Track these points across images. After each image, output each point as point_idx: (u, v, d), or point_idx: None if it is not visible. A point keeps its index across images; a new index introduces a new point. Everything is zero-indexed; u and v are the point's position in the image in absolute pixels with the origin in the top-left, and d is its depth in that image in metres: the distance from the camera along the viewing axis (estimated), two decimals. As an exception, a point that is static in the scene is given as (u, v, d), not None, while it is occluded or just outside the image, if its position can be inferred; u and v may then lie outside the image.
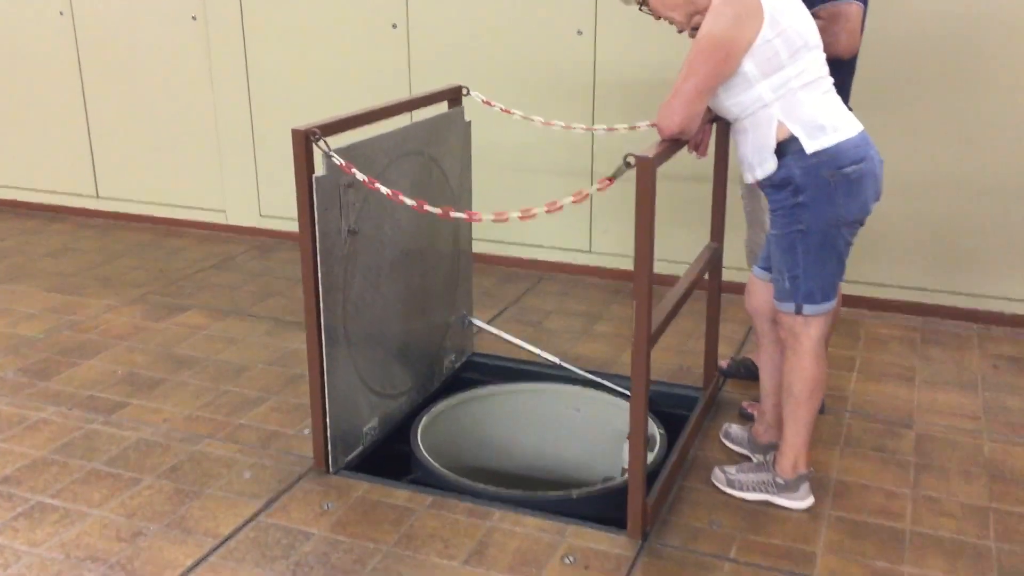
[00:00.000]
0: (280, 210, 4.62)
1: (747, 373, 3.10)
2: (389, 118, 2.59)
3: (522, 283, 4.09)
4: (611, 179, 2.06)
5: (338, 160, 2.25)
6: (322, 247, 2.31)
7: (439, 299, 3.04)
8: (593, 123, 3.95)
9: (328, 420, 2.48)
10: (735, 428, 2.72)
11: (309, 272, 2.32)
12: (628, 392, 2.33)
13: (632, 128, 2.81)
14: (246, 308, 3.80)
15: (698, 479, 2.55)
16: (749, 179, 2.28)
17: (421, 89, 4.10)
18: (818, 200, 2.16)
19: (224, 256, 4.49)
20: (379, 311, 2.65)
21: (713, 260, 2.82)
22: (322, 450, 2.52)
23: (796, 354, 2.28)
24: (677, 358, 3.31)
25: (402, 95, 4.22)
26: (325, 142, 2.25)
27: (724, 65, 2.10)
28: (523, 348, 3.20)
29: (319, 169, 2.29)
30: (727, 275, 3.30)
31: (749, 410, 2.85)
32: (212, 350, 3.38)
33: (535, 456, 3.18)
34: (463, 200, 3.07)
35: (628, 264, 4.24)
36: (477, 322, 3.25)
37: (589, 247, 4.15)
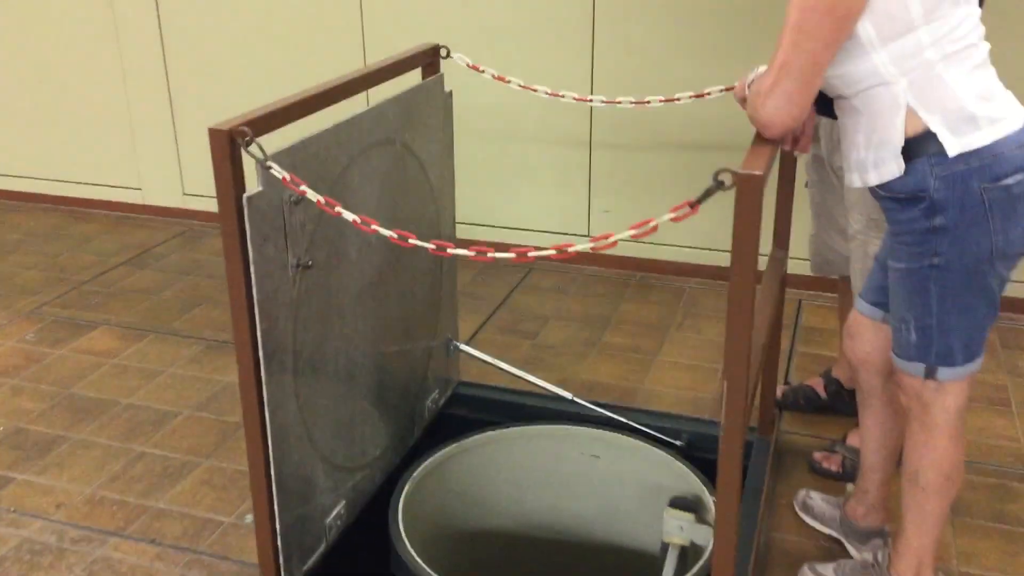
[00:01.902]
0: (207, 187, 3.82)
1: (808, 404, 2.51)
2: (345, 99, 1.89)
3: (509, 276, 3.44)
4: (695, 204, 1.41)
5: (280, 172, 1.56)
6: (261, 294, 1.63)
7: (419, 325, 2.38)
8: (592, 72, 3.27)
9: (277, 519, 1.82)
10: (817, 499, 2.13)
11: (243, 333, 1.64)
12: (657, 433, 1.71)
13: (700, 96, 2.11)
14: (169, 323, 3.09)
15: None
16: (856, 182, 1.64)
17: (379, 54, 3.37)
18: (965, 224, 1.53)
19: (141, 247, 3.75)
20: (343, 362, 1.98)
21: (779, 272, 2.19)
22: (270, 558, 1.87)
23: (925, 430, 1.67)
24: (710, 380, 2.70)
25: (355, 64, 3.52)
26: (259, 146, 1.56)
27: (844, 28, 1.45)
28: (524, 379, 2.57)
29: (252, 184, 1.59)
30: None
31: (824, 465, 2.27)
32: (124, 389, 2.68)
33: (548, 512, 2.58)
34: (445, 195, 2.39)
35: (635, 250, 3.59)
36: (466, 348, 2.60)
37: (587, 230, 3.51)
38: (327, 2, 3.51)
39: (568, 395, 2.54)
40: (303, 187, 1.55)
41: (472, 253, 1.53)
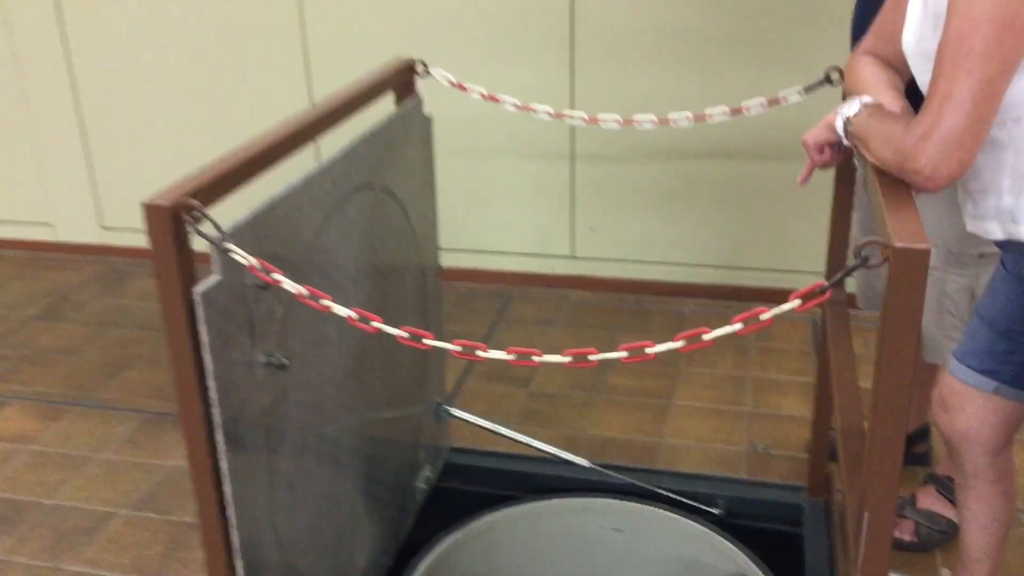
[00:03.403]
0: (129, 218, 3.40)
1: (857, 454, 2.22)
2: (310, 141, 1.51)
3: (488, 306, 3.09)
4: (828, 289, 1.07)
5: (243, 257, 1.18)
6: (225, 412, 1.25)
7: (406, 393, 2.02)
8: (572, 71, 2.93)
9: None
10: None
11: (202, 471, 1.26)
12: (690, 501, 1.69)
13: (701, 118, 1.80)
14: (94, 392, 2.66)
15: None
16: (994, 234, 1.32)
17: (325, 86, 3.00)
18: None
19: (55, 293, 3.29)
20: (325, 466, 1.61)
21: (834, 312, 1.88)
22: None
23: None
24: (736, 427, 2.39)
25: (295, 82, 3.11)
26: (213, 223, 1.17)
27: (1020, 49, 1.13)
28: (529, 446, 2.22)
29: (208, 276, 1.21)
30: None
31: (896, 534, 1.97)
32: (46, 485, 2.26)
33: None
34: (428, 238, 2.02)
35: (624, 271, 3.20)
36: (458, 414, 2.23)
37: (572, 251, 3.17)
38: (262, 8, 3.09)
39: (585, 463, 2.20)
40: (278, 276, 1.17)
41: (478, 353, 1.17)
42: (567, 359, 1.11)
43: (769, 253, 3.01)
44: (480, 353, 1.14)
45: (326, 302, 1.15)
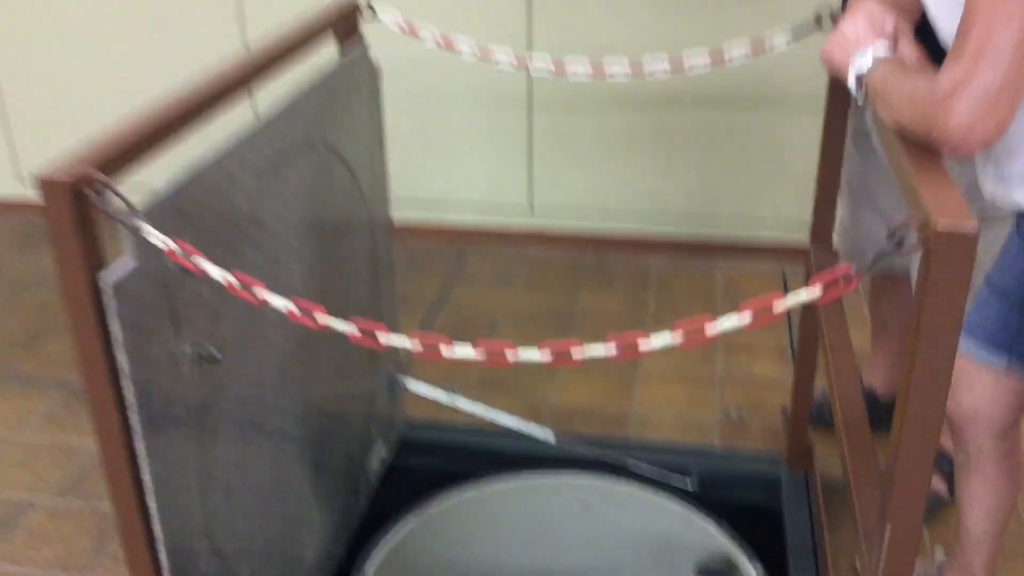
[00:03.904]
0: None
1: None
2: (241, 93, 1.31)
3: (442, 264, 2.92)
4: (854, 277, 0.93)
5: (161, 240, 1.00)
6: (145, 419, 1.08)
7: (357, 368, 1.86)
8: (530, 5, 2.74)
9: None
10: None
11: (123, 487, 1.09)
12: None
13: (679, 69, 1.63)
14: (11, 364, 2.46)
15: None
16: (1021, 200, 1.19)
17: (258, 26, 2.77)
18: None
19: (-33, 255, 3.04)
20: (270, 465, 1.45)
21: (819, 264, 1.76)
22: None
23: None
24: (708, 393, 2.28)
25: (229, 41, 2.86)
26: (123, 199, 0.99)
27: None
28: (496, 420, 2.09)
29: (121, 261, 1.03)
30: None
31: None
32: (-43, 472, 2.06)
33: (541, 571, 2.14)
34: (378, 199, 1.84)
35: (584, 226, 3.01)
36: (415, 387, 2.08)
37: (530, 206, 3.00)
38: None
39: (551, 438, 2.07)
40: (201, 261, 1.00)
41: (437, 350, 1.02)
42: (547, 357, 0.96)
43: (738, 205, 2.88)
44: (444, 352, 0.98)
45: (262, 294, 0.98)
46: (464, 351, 0.98)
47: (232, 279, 0.98)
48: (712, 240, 2.92)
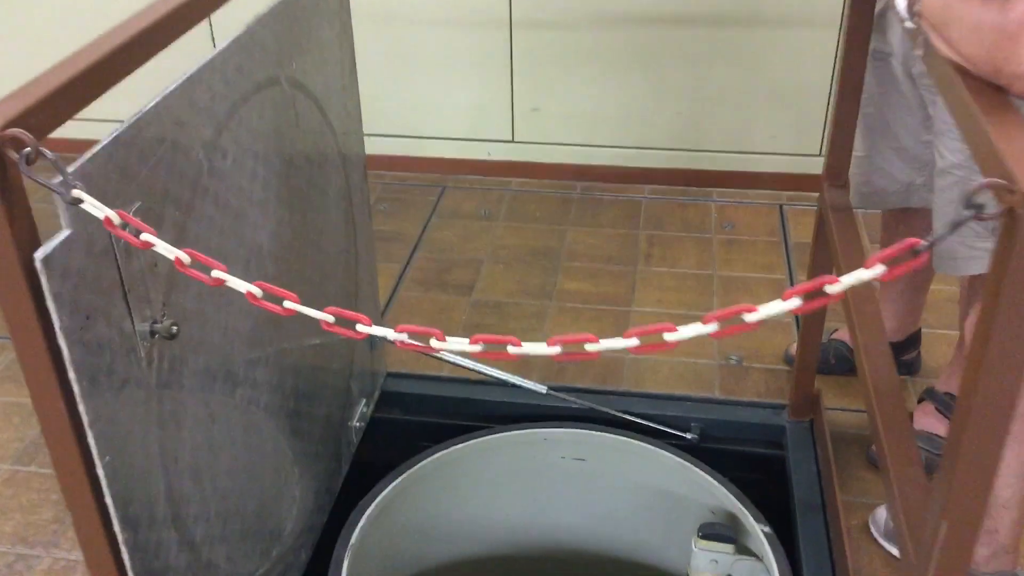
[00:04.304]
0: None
1: (841, 365, 2.03)
2: (190, 28, 1.14)
3: (419, 200, 2.77)
4: (923, 251, 0.80)
5: (98, 208, 0.85)
6: (94, 410, 0.95)
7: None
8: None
9: None
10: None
11: (77, 487, 0.97)
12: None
13: None
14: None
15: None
16: None
17: None
18: None
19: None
20: (241, 442, 1.33)
21: (839, 216, 1.63)
22: None
23: None
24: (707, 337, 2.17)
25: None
26: (54, 163, 0.84)
27: None
28: (484, 372, 1.97)
29: (55, 234, 0.88)
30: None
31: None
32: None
33: (533, 529, 2.05)
34: (350, 135, 1.69)
35: (570, 155, 2.82)
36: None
37: (511, 134, 2.84)
38: None
39: (541, 388, 1.97)
40: (147, 236, 0.85)
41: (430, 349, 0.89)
42: (555, 349, 0.83)
43: (733, 131, 2.74)
44: (435, 344, 0.85)
45: (220, 274, 0.84)
46: (458, 344, 0.85)
47: (183, 255, 0.83)
48: (705, 169, 2.79)
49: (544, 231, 2.61)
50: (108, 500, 0.99)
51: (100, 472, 0.98)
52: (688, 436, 1.93)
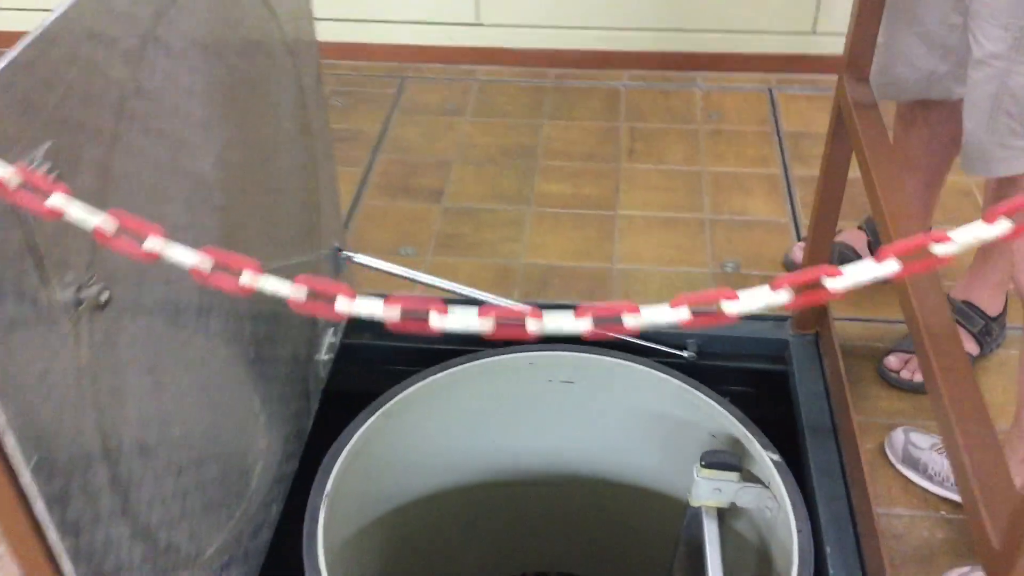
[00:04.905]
0: None
1: (846, 271, 1.89)
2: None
3: (377, 94, 2.53)
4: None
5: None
6: (15, 405, 0.77)
7: (297, 252, 1.54)
8: None
9: None
10: (924, 445, 1.54)
11: (7, 512, 0.80)
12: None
13: None
14: None
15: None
16: None
17: None
18: None
19: None
20: (194, 411, 1.16)
21: (862, 110, 1.45)
22: None
23: None
24: (697, 238, 2.02)
25: None
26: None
27: None
28: (461, 294, 1.81)
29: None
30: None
31: (905, 375, 1.69)
32: None
33: (523, 457, 1.94)
34: (299, 26, 1.45)
35: (541, 39, 2.58)
36: (362, 259, 1.77)
37: (476, 16, 2.59)
38: None
39: (525, 308, 1.80)
40: (55, 201, 0.66)
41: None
42: (585, 323, 0.66)
43: (718, 9, 2.52)
44: (435, 319, 0.68)
45: (155, 243, 0.65)
46: (468, 319, 0.68)
47: (106, 222, 0.64)
48: (688, 51, 2.57)
49: (517, 126, 2.40)
50: (40, 506, 0.83)
51: (27, 477, 0.81)
52: (684, 354, 1.80)
